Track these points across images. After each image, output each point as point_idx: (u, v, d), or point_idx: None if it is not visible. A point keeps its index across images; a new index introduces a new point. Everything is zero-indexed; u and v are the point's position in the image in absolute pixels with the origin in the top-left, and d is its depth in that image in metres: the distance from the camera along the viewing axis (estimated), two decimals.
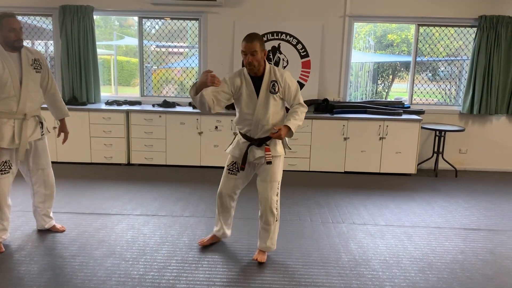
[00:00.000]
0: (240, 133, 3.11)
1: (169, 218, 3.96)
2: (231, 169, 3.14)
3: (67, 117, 3.57)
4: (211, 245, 3.39)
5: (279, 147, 3.04)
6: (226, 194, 3.19)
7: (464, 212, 4.36)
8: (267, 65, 2.97)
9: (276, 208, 3.05)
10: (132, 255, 3.19)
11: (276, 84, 2.93)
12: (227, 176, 3.17)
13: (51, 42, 6.35)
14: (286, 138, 3.05)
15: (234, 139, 3.20)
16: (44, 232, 3.55)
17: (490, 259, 3.31)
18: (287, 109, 3.09)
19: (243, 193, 3.47)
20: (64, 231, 3.59)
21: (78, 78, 6.05)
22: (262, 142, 3.00)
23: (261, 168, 3.05)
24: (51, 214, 3.58)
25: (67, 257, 3.14)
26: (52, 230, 3.57)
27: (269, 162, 2.95)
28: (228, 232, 3.39)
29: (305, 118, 5.53)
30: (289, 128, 2.86)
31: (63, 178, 5.01)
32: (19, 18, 3.11)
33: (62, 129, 3.58)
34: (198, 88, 2.81)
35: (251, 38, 2.83)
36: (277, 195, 3.03)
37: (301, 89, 6.00)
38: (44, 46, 6.58)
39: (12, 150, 3.17)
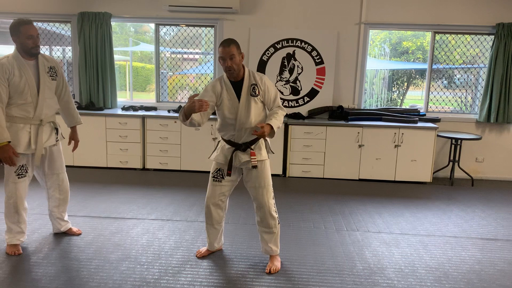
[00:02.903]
0: (224, 139, 3.11)
1: (184, 223, 3.98)
2: (215, 176, 3.13)
3: (82, 123, 3.60)
4: (230, 250, 3.41)
5: (264, 151, 3.05)
6: (212, 203, 3.15)
7: (481, 221, 4.30)
8: (246, 69, 3.00)
9: (275, 211, 3.08)
10: (147, 259, 3.21)
11: (256, 87, 2.96)
12: (212, 184, 3.14)
13: (69, 48, 6.46)
14: (269, 142, 3.10)
15: (217, 145, 3.19)
16: (61, 235, 3.59)
17: (508, 269, 3.26)
18: None
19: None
20: (80, 234, 3.63)
21: (95, 84, 6.14)
22: (247, 146, 3.01)
23: (250, 174, 3.04)
24: (66, 218, 3.62)
25: (83, 260, 3.17)
26: (69, 233, 3.62)
27: (255, 166, 2.96)
28: (217, 245, 3.35)
29: (320, 125, 5.58)
30: (271, 127, 2.86)
31: (79, 182, 5.08)
32: (39, 24, 3.17)
33: (73, 136, 3.61)
34: (186, 113, 2.85)
35: (227, 42, 2.86)
36: (273, 198, 3.06)
37: (315, 96, 6.07)
38: (63, 52, 6.70)
39: (28, 155, 3.23)
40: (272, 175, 3.17)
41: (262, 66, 6.06)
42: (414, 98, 9.32)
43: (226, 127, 3.05)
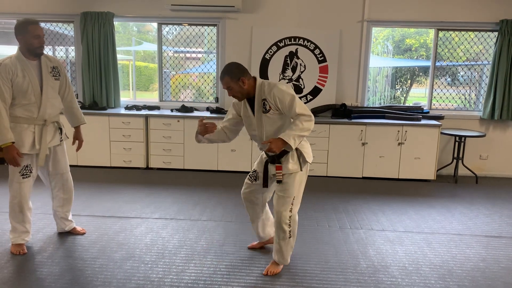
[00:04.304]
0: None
1: (187, 222, 3.99)
2: (251, 175, 3.17)
3: (85, 123, 3.60)
4: (234, 249, 3.42)
5: (291, 164, 2.90)
6: (245, 198, 3.21)
7: (485, 219, 4.29)
8: (258, 83, 2.90)
9: (289, 225, 2.92)
10: (151, 258, 3.22)
11: (266, 102, 2.86)
12: (246, 182, 3.20)
13: (72, 48, 6.47)
14: (304, 153, 2.95)
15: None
16: (65, 235, 3.61)
17: None
18: None
19: None
20: (84, 233, 3.64)
21: (98, 83, 6.15)
22: (273, 159, 2.94)
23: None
24: (70, 217, 3.64)
25: (87, 259, 3.18)
26: (73, 232, 3.63)
27: (279, 181, 2.90)
28: (262, 238, 3.37)
29: (323, 123, 5.56)
30: (283, 140, 2.72)
31: (83, 182, 5.09)
32: (42, 24, 3.18)
33: (77, 136, 3.60)
34: (200, 134, 2.98)
35: (222, 75, 2.85)
36: (290, 210, 2.91)
37: (318, 94, 6.05)
38: (66, 52, 6.72)
39: (32, 155, 3.24)
40: None
41: (264, 65, 6.06)
42: (417, 95, 9.31)
43: (255, 141, 3.09)
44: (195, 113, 5.96)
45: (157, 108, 6.26)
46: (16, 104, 3.11)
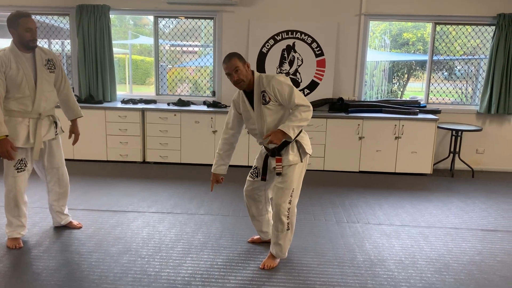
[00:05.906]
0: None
1: (184, 216, 3.98)
2: (252, 172, 3.16)
3: (82, 116, 3.58)
4: (231, 243, 3.42)
5: (291, 156, 2.91)
6: (247, 195, 3.20)
7: (481, 213, 4.30)
8: (256, 75, 2.91)
9: (288, 217, 2.92)
10: (148, 252, 3.21)
11: (265, 94, 2.86)
12: (248, 179, 3.19)
13: (68, 41, 6.43)
14: (304, 145, 2.96)
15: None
16: (61, 229, 3.60)
17: (508, 260, 3.26)
18: None
19: None
20: (81, 227, 3.64)
21: (94, 77, 6.12)
22: (274, 152, 2.94)
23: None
24: (66, 211, 3.63)
25: (84, 253, 3.18)
26: (69, 226, 3.62)
27: (279, 174, 2.91)
28: (264, 235, 3.36)
29: (320, 117, 5.55)
30: (283, 132, 2.76)
31: (79, 176, 5.08)
32: (37, 17, 3.15)
33: (73, 130, 3.59)
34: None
35: (228, 57, 2.84)
36: (289, 202, 2.90)
37: (315, 88, 6.04)
38: (61, 45, 6.67)
39: (27, 149, 3.22)
40: None
41: (261, 59, 6.04)
42: (414, 89, 9.29)
43: (254, 135, 3.08)
44: (192, 107, 5.93)
45: (154, 102, 6.24)
46: (10, 97, 3.08)
